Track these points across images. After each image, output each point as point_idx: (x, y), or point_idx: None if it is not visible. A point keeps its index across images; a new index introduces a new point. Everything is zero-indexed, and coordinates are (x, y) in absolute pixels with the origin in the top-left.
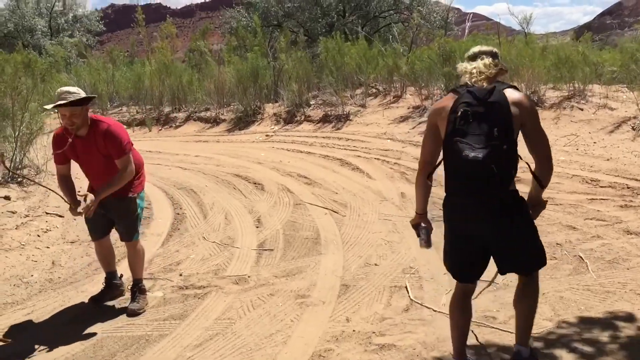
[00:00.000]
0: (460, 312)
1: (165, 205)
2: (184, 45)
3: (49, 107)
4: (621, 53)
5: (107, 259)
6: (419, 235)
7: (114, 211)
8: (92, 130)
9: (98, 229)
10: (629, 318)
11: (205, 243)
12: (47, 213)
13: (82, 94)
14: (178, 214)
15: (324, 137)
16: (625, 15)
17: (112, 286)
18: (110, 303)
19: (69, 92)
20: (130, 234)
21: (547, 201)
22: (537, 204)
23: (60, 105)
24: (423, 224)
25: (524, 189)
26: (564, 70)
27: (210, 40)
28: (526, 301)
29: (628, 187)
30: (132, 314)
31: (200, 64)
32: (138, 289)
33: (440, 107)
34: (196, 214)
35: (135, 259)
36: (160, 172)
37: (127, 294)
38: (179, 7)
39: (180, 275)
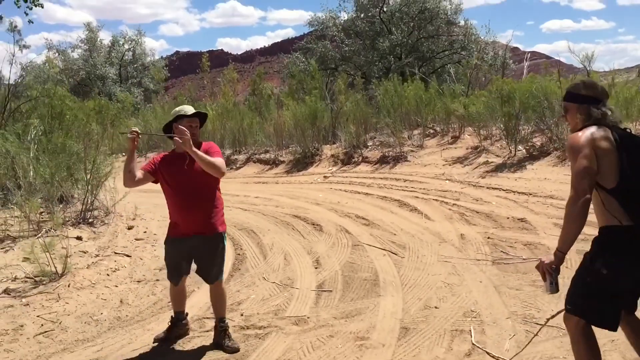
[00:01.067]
0: None
1: (226, 245)
2: (244, 89)
3: (189, 112)
4: None
5: (180, 299)
6: (548, 278)
7: (203, 249)
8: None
9: (181, 270)
10: None
11: (265, 283)
12: (115, 253)
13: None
14: (239, 254)
15: (381, 178)
16: None
17: (179, 325)
18: (173, 341)
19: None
20: (218, 274)
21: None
22: None
23: (190, 115)
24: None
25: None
26: (632, 109)
27: (269, 84)
28: None
29: None
30: (234, 350)
31: (260, 107)
32: (226, 326)
33: None
34: (256, 254)
35: (222, 298)
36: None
37: (191, 332)
38: (239, 53)
39: (242, 315)
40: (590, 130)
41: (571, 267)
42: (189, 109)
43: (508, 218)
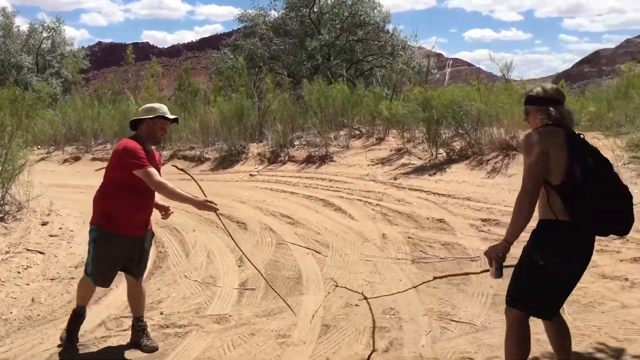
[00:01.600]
0: None
1: None
2: (170, 84)
3: (171, 117)
4: (597, 101)
5: (90, 294)
6: (494, 265)
7: (145, 246)
8: None
9: (116, 271)
10: (610, 357)
11: (186, 282)
12: (27, 250)
13: None
14: (160, 252)
15: (307, 178)
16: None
17: (81, 322)
18: (84, 340)
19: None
20: (144, 269)
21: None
22: None
23: (172, 120)
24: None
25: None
26: None
27: (196, 80)
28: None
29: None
30: (152, 349)
31: (186, 102)
32: (144, 325)
33: None
34: (178, 252)
35: (142, 297)
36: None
37: (107, 332)
38: (166, 47)
39: (161, 313)
40: (545, 130)
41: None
42: (166, 109)
43: (428, 219)
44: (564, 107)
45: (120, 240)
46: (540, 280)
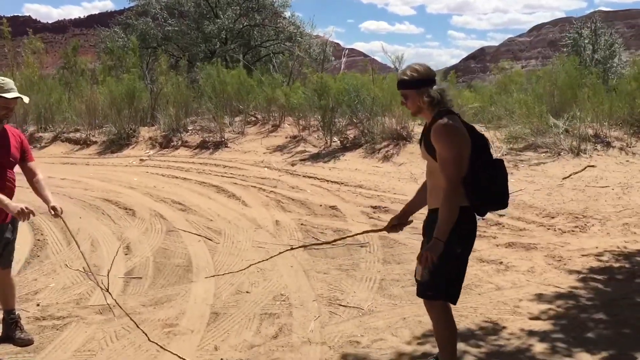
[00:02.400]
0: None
1: (23, 229)
2: (55, 62)
3: (11, 95)
4: (480, 95)
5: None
6: (427, 267)
7: (12, 232)
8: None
9: None
10: (477, 337)
11: (67, 271)
12: None
13: None
14: (38, 240)
15: (200, 164)
16: (487, 60)
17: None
18: None
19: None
20: (10, 259)
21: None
22: None
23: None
24: None
25: None
26: None
27: (84, 59)
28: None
29: (484, 219)
30: (26, 343)
31: (72, 82)
32: (17, 318)
33: None
34: (59, 240)
35: (13, 288)
36: (20, 195)
37: None
38: (50, 22)
39: (38, 305)
40: (454, 120)
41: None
42: (9, 86)
43: (321, 205)
44: (440, 86)
45: None
46: (459, 267)
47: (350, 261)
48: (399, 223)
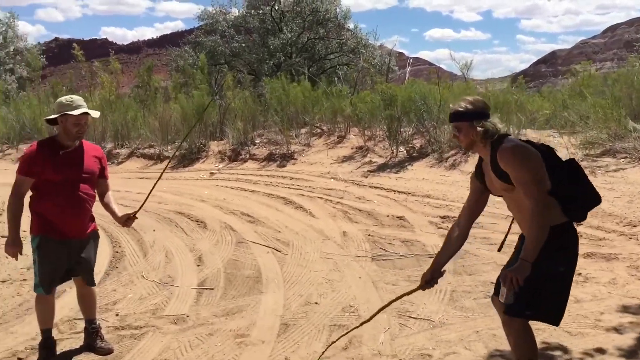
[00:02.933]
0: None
1: (103, 242)
2: (129, 81)
3: (78, 112)
4: (552, 101)
5: (52, 312)
6: (513, 289)
7: (88, 249)
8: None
9: (61, 274)
10: (563, 350)
11: (144, 282)
12: None
13: None
14: (117, 252)
15: (268, 176)
16: (559, 64)
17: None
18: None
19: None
20: (92, 273)
21: None
22: None
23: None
24: None
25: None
26: (502, 116)
27: (157, 77)
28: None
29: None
30: (106, 352)
31: (146, 100)
32: (97, 327)
33: None
34: (136, 252)
35: (95, 299)
36: (99, 209)
37: (60, 335)
38: (125, 43)
39: (117, 315)
40: (522, 142)
41: None
42: (77, 103)
43: (388, 216)
44: (493, 119)
45: (58, 243)
46: (560, 286)
47: (419, 272)
48: (431, 277)
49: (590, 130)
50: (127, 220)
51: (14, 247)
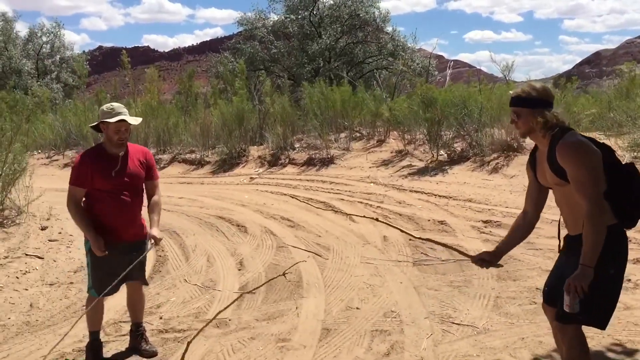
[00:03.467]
0: None
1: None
2: (171, 87)
3: (116, 119)
4: (598, 102)
5: (101, 314)
6: (578, 297)
7: (140, 251)
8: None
9: (113, 278)
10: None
11: (186, 286)
12: (27, 254)
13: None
14: (160, 256)
15: (307, 180)
16: (603, 65)
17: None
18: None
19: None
20: (144, 274)
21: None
22: None
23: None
24: None
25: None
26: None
27: (197, 83)
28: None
29: None
30: (151, 354)
31: (187, 106)
32: (143, 330)
33: None
34: (178, 256)
35: (144, 303)
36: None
37: (106, 337)
38: (166, 51)
39: (160, 318)
40: (585, 138)
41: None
42: (117, 111)
43: (429, 220)
44: (557, 110)
45: (110, 247)
46: (613, 289)
47: (462, 277)
48: (488, 260)
49: (639, 131)
50: (153, 237)
51: (96, 243)
